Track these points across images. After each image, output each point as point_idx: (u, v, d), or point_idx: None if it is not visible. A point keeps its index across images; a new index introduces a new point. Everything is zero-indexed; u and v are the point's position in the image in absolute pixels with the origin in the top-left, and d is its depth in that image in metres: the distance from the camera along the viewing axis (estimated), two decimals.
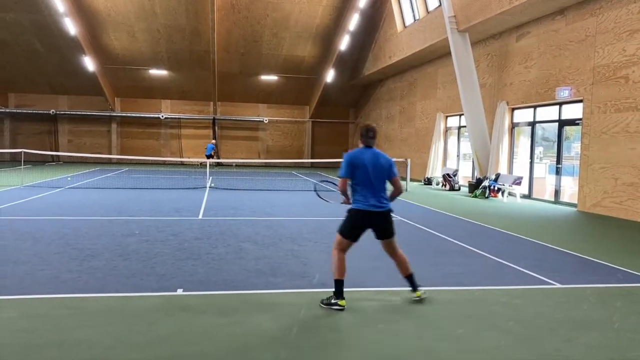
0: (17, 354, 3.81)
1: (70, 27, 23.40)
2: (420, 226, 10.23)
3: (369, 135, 5.19)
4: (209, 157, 28.52)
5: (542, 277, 6.46)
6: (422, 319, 4.80)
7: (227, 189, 17.00)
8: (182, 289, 5.52)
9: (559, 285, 6.12)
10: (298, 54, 28.59)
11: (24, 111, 31.11)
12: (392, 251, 5.37)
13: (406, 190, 17.93)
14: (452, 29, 17.22)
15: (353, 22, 24.62)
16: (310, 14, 25.44)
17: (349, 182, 5.19)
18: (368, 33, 27.00)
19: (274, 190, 16.88)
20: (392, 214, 5.26)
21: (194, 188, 16.80)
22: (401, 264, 5.36)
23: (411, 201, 14.81)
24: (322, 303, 5.05)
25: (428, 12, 20.89)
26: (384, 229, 5.23)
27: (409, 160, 19.09)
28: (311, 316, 4.81)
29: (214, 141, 30.95)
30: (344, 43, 26.17)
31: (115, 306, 4.93)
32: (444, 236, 9.17)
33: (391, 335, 4.39)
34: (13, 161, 28.35)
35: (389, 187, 5.26)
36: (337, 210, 12.27)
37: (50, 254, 6.90)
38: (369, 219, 5.13)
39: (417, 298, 5.30)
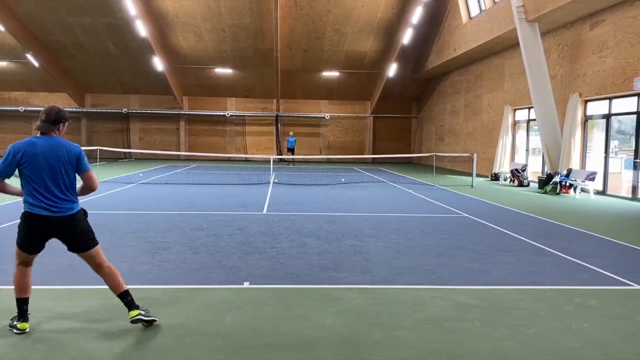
0: (93, 340, 4.02)
1: (141, 29, 24.36)
2: (489, 223, 9.95)
3: (41, 118, 4.12)
4: (291, 150, 29.66)
5: (619, 277, 6.13)
6: (490, 318, 4.66)
7: (289, 184, 17.20)
8: (248, 282, 5.64)
9: (637, 287, 5.79)
10: (360, 49, 28.47)
11: (99, 110, 32.78)
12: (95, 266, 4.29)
13: (472, 186, 17.51)
14: (520, 19, 16.61)
15: (416, 15, 24.19)
16: (372, 9, 25.25)
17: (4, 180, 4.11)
18: (432, 26, 26.49)
19: (335, 186, 16.90)
20: (80, 218, 4.20)
21: (258, 184, 17.12)
22: (110, 280, 4.29)
23: (478, 197, 14.43)
24: (9, 325, 4.19)
25: (495, 2, 20.23)
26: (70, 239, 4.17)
27: (474, 155, 18.59)
28: (374, 313, 4.79)
29: (291, 133, 31.31)
30: (407, 37, 25.78)
31: (184, 297, 5.10)
32: (513, 234, 8.87)
33: (458, 334, 4.30)
34: (89, 158, 29.88)
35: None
36: (399, 207, 12.18)
37: (123, 247, 7.24)
38: (43, 225, 4.07)
39: (133, 319, 4.19)
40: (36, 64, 27.72)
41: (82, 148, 4.17)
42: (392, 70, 28.72)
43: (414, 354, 3.90)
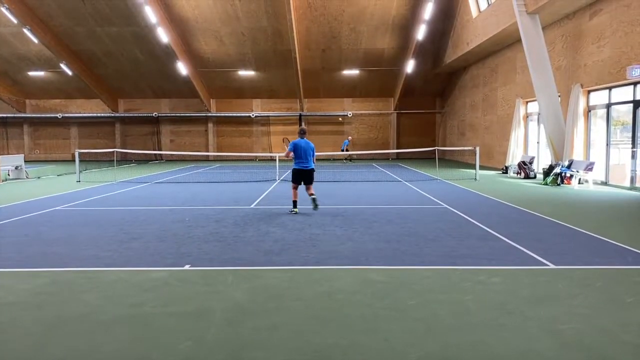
0: (34, 308, 4.78)
1: (163, 35, 25.52)
2: (461, 213, 10.30)
3: (302, 133, 10.79)
4: (343, 151, 30.28)
5: (542, 259, 6.46)
6: (384, 292, 5.15)
7: None
8: (189, 265, 6.30)
9: (553, 267, 6.12)
10: (377, 46, 28.83)
11: (131, 115, 34.39)
12: (308, 190, 10.71)
13: (475, 179, 17.68)
14: (520, 11, 16.71)
15: (428, 11, 24.38)
16: (385, 6, 25.58)
17: (291, 154, 10.61)
18: (445, 21, 26.64)
19: (341, 183, 17.38)
20: (314, 171, 10.74)
21: (265, 180, 17.84)
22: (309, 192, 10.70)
23: (472, 190, 14.64)
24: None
25: None
26: (309, 179, 10.72)
27: (477, 148, 18.71)
28: (282, 288, 5.35)
29: (350, 138, 32.28)
30: (421, 33, 25.99)
31: (124, 277, 5.81)
32: (475, 222, 9.22)
33: (343, 304, 4.82)
34: (123, 161, 31.48)
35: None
36: (387, 199, 12.56)
37: (101, 237, 8.04)
38: (303, 172, 10.60)
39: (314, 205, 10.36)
40: (70, 72, 29.43)
41: (116, 151, 5.02)
42: (411, 66, 28.95)
43: (291, 318, 4.46)
